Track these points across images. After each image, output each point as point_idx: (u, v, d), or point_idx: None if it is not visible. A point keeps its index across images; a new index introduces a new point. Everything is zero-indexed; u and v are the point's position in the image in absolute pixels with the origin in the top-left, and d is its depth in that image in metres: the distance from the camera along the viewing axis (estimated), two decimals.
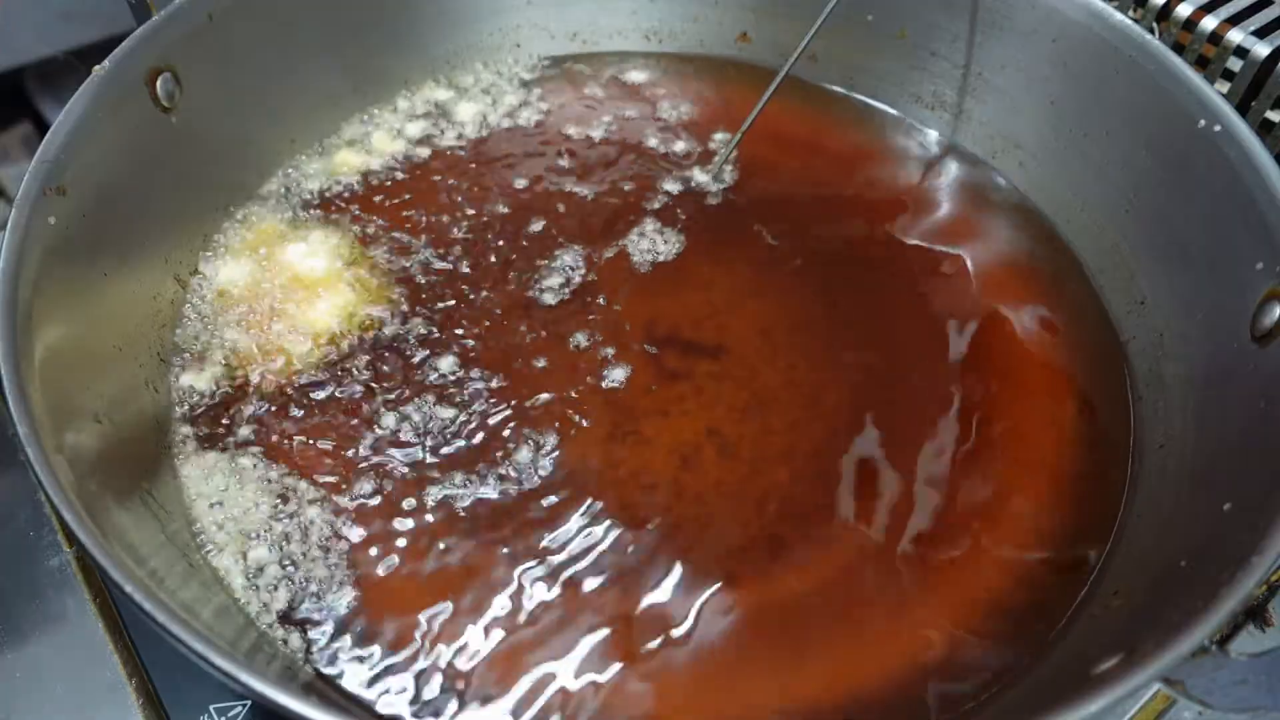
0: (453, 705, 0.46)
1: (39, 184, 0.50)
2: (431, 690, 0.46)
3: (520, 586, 0.50)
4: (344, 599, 0.49)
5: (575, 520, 0.52)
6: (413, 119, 0.72)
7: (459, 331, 0.60)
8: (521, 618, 0.49)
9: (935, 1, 0.70)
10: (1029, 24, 0.66)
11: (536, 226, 0.66)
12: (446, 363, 0.58)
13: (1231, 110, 0.55)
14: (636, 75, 0.78)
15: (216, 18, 0.60)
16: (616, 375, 0.58)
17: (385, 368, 0.58)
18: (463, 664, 0.47)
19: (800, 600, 0.50)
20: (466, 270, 0.63)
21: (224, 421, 0.55)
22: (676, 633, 0.48)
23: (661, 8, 0.78)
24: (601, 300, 0.62)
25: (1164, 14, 0.66)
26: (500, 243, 0.65)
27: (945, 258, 0.66)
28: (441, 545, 0.51)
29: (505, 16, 0.76)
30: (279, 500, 0.52)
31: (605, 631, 0.48)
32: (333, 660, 0.47)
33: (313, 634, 0.48)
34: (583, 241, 0.65)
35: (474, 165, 0.70)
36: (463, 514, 0.52)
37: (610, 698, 0.46)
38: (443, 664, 0.47)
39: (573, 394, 0.57)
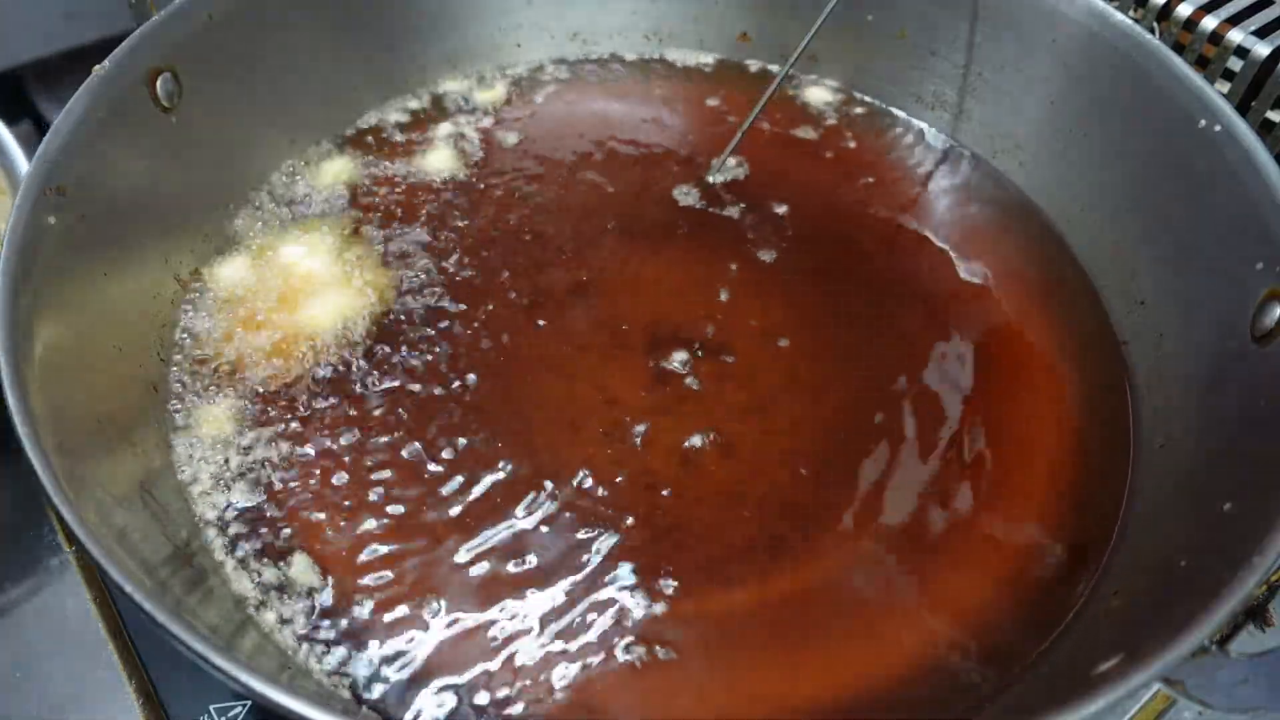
0: (451, 705, 0.46)
1: (39, 184, 0.50)
2: (431, 690, 0.46)
3: (519, 587, 0.50)
4: (344, 598, 0.49)
5: (575, 520, 0.52)
6: (412, 119, 0.72)
7: (459, 331, 0.60)
8: (520, 618, 0.49)
9: (935, 1, 0.70)
10: (1029, 24, 0.66)
11: (536, 226, 0.66)
12: (446, 363, 0.58)
13: (1231, 110, 0.55)
14: (637, 76, 0.78)
15: (216, 18, 0.60)
16: (617, 375, 0.58)
17: (385, 368, 0.58)
18: (461, 665, 0.47)
19: (801, 600, 0.50)
20: (466, 270, 0.63)
21: (223, 422, 0.55)
22: (677, 633, 0.48)
23: (661, 8, 0.78)
24: (602, 301, 0.62)
25: (1164, 14, 0.66)
26: (500, 243, 0.65)
27: (945, 258, 0.66)
28: (440, 545, 0.51)
29: (505, 16, 0.76)
30: (279, 500, 0.52)
31: (606, 632, 0.48)
32: (334, 660, 0.47)
33: (314, 634, 0.48)
34: (583, 241, 0.65)
35: (473, 165, 0.70)
36: (461, 515, 0.52)
37: (612, 698, 0.46)
38: (441, 665, 0.47)
39: (573, 394, 0.57)
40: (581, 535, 0.51)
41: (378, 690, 0.46)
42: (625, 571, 0.50)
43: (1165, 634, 0.39)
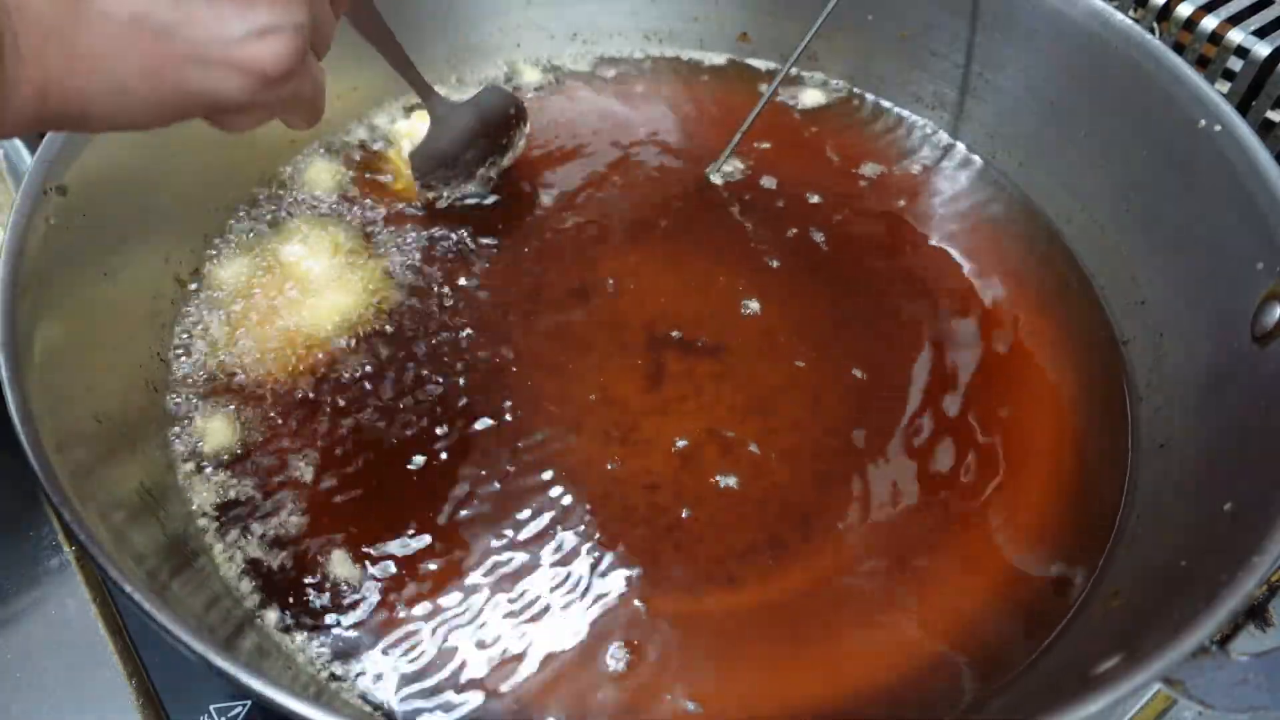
0: (454, 705, 0.46)
1: (39, 184, 0.50)
2: (434, 690, 0.46)
3: (518, 586, 0.50)
4: (344, 598, 0.49)
5: (575, 520, 0.52)
6: (412, 119, 0.72)
7: (459, 330, 0.60)
8: (520, 617, 0.49)
9: (935, 1, 0.70)
10: (1029, 24, 0.66)
11: (535, 227, 0.66)
12: (446, 363, 0.58)
13: (1231, 110, 0.55)
14: (637, 76, 0.78)
15: None
16: (616, 375, 0.58)
17: (384, 367, 0.58)
18: (465, 664, 0.47)
19: (801, 600, 0.50)
20: (466, 269, 0.63)
21: (223, 421, 0.55)
22: (677, 633, 0.48)
23: (661, 8, 0.78)
24: (602, 300, 0.62)
25: (1164, 14, 0.66)
26: (502, 243, 0.65)
27: (945, 258, 0.66)
28: (440, 545, 0.51)
29: (505, 16, 0.76)
30: (279, 500, 0.52)
31: (606, 632, 0.48)
32: (334, 660, 0.47)
33: (314, 633, 0.48)
34: (583, 241, 0.65)
35: None
36: (461, 513, 0.52)
37: (612, 697, 0.46)
38: (445, 664, 0.47)
39: (572, 394, 0.57)
40: (582, 535, 0.51)
41: (378, 690, 0.46)
42: (625, 571, 0.50)
43: (1165, 634, 0.39)
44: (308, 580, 0.49)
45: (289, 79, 0.38)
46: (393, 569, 0.50)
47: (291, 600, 0.49)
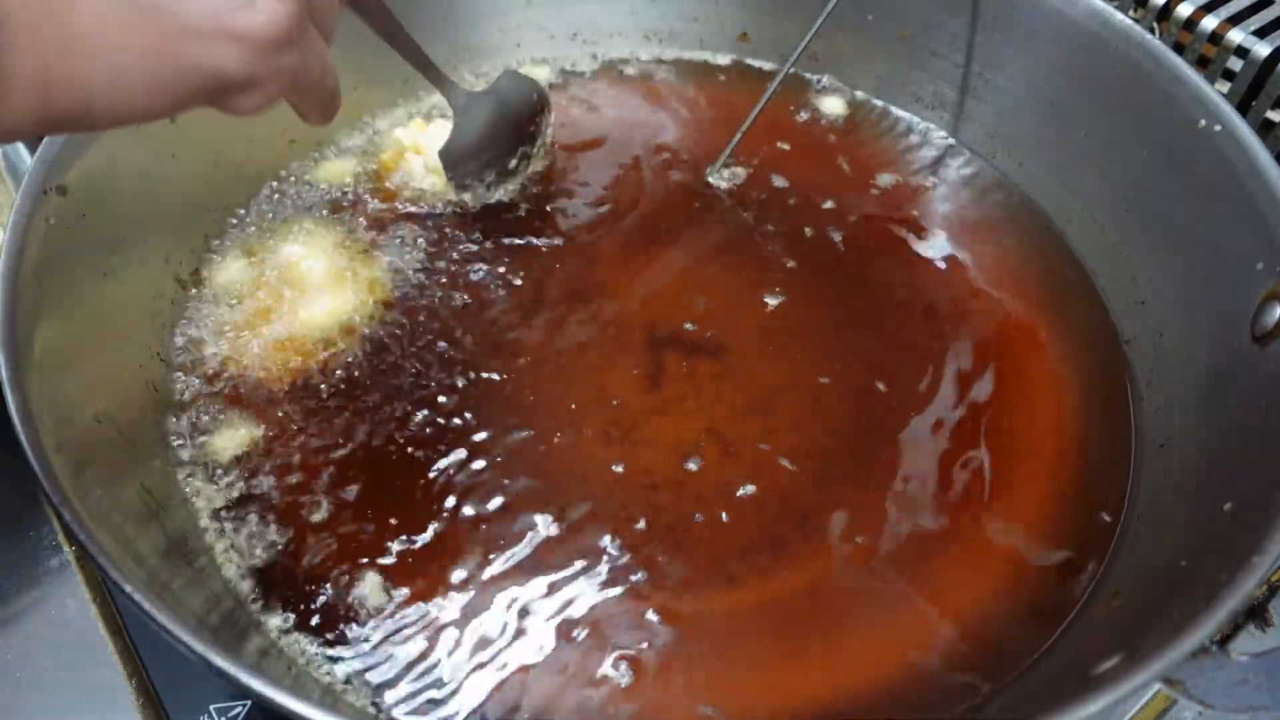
0: (453, 705, 0.46)
1: (39, 184, 0.50)
2: (434, 692, 0.46)
3: (520, 588, 0.50)
4: (347, 601, 0.49)
5: (575, 521, 0.52)
6: (412, 120, 0.72)
7: (459, 331, 0.60)
8: (522, 617, 0.49)
9: (935, 1, 0.70)
10: (1029, 24, 0.66)
11: (537, 227, 0.66)
12: (446, 363, 0.58)
13: (1231, 110, 0.55)
14: (636, 76, 0.78)
15: None
16: (617, 375, 0.58)
17: (383, 367, 0.58)
18: (465, 666, 0.47)
19: (800, 600, 0.50)
20: (466, 269, 0.63)
21: (223, 422, 0.55)
22: (677, 632, 0.48)
23: (661, 8, 0.78)
24: (602, 300, 0.62)
25: (1164, 14, 0.66)
26: (502, 243, 0.65)
27: (946, 258, 0.66)
28: (440, 545, 0.51)
29: (505, 16, 0.77)
30: (279, 500, 0.52)
31: (611, 634, 0.48)
32: (336, 664, 0.47)
33: (316, 636, 0.48)
34: (583, 241, 0.65)
35: None
36: (461, 514, 0.52)
37: (612, 697, 0.46)
38: (445, 666, 0.47)
39: (573, 394, 0.57)
40: (582, 536, 0.51)
41: (379, 695, 0.46)
42: (626, 572, 0.50)
43: (1165, 634, 0.39)
44: (309, 582, 0.49)
45: (287, 45, 0.37)
46: (394, 572, 0.50)
47: (293, 602, 0.49)
